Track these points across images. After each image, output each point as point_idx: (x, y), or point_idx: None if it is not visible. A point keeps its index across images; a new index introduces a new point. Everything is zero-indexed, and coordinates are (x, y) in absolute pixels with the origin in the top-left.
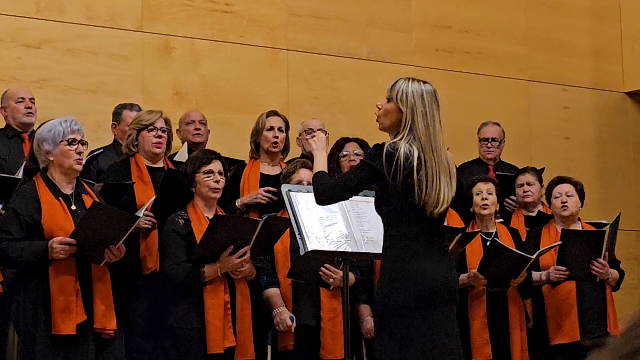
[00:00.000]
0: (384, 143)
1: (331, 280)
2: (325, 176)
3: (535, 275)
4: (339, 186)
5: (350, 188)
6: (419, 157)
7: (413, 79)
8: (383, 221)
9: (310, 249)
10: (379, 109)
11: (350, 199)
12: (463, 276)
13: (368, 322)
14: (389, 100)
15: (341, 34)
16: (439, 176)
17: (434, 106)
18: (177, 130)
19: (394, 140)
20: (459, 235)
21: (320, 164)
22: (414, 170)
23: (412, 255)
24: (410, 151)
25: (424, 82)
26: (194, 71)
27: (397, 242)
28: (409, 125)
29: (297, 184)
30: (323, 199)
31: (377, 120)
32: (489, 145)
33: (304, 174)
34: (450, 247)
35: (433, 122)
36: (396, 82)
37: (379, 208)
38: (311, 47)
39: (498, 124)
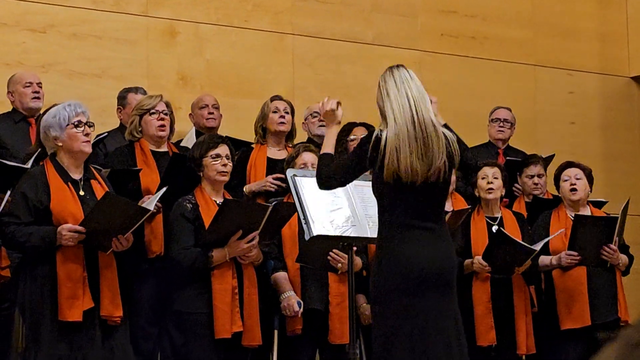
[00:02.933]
0: (371, 133)
1: (339, 265)
2: (325, 160)
3: (546, 259)
4: (336, 173)
5: (345, 175)
6: (390, 136)
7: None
8: (378, 209)
9: (315, 234)
10: None
11: (354, 183)
12: (467, 262)
13: (365, 309)
14: None
15: (347, 19)
16: (398, 148)
17: (391, 82)
18: (190, 114)
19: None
20: (449, 212)
21: (327, 142)
22: (385, 152)
23: (399, 240)
24: (379, 135)
25: (396, 67)
26: (199, 56)
27: (386, 227)
28: (381, 110)
29: (302, 167)
30: (322, 186)
31: None
32: (501, 124)
33: (307, 157)
34: None
35: (389, 97)
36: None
37: (374, 193)
38: (316, 32)
39: (510, 110)
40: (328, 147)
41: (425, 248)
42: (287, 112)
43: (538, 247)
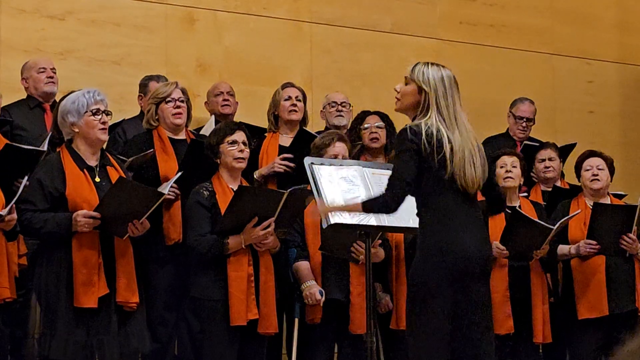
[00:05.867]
0: (406, 126)
1: (362, 257)
2: (373, 199)
3: (565, 248)
4: (397, 188)
5: (406, 183)
6: (445, 133)
7: (432, 63)
8: (417, 197)
9: (332, 222)
10: (398, 92)
11: (371, 171)
12: None
13: (382, 297)
14: (407, 82)
15: (365, 6)
16: (469, 155)
17: (454, 89)
18: (205, 102)
19: (414, 122)
20: None
21: (354, 205)
22: (443, 145)
23: (446, 227)
24: (432, 127)
25: (443, 67)
26: (218, 43)
27: (431, 216)
28: (428, 106)
29: (333, 158)
30: (394, 209)
31: (396, 103)
32: (524, 124)
33: (340, 148)
34: None
35: (453, 103)
36: (415, 65)
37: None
38: (335, 20)
39: (533, 102)
40: (357, 202)
41: (469, 235)
42: (299, 100)
43: (555, 225)
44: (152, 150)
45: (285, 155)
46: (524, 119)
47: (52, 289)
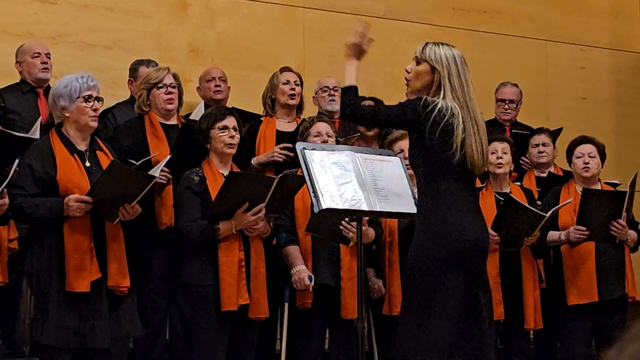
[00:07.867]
0: (424, 96)
1: (351, 234)
2: (354, 93)
3: (555, 235)
4: (369, 112)
5: (379, 120)
6: (458, 113)
7: (442, 43)
8: (418, 178)
9: (324, 207)
10: (409, 73)
11: (363, 157)
12: None
13: (374, 282)
14: (418, 62)
15: None
16: (479, 136)
17: (466, 69)
18: (197, 87)
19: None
20: None
21: (350, 75)
22: (453, 126)
23: (448, 209)
24: (447, 107)
25: (453, 47)
26: (210, 28)
27: (434, 198)
28: (442, 85)
29: (316, 136)
30: (349, 116)
31: (407, 85)
32: (506, 106)
33: (321, 127)
34: None
35: (467, 83)
36: (426, 44)
37: (414, 164)
38: (328, 5)
39: (516, 85)
40: (352, 79)
41: (469, 217)
42: (297, 84)
43: (548, 213)
44: (154, 155)
45: (285, 144)
46: (506, 101)
47: (43, 274)
